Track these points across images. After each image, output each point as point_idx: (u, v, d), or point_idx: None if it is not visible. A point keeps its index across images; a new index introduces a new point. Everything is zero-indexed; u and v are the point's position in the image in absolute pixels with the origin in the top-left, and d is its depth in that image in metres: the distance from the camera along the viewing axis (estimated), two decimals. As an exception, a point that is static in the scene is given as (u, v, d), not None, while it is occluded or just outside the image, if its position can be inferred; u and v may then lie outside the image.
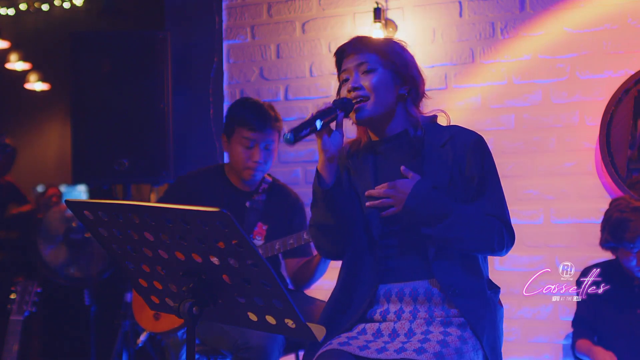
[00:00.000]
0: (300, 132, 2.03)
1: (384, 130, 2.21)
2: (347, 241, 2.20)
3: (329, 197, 2.13)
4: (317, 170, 2.15)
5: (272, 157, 3.22)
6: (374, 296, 2.15)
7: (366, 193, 2.15)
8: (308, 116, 2.11)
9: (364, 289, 2.16)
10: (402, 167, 2.14)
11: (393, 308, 2.13)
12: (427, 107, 2.27)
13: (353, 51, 2.19)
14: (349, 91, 2.17)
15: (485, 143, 2.20)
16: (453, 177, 2.14)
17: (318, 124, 2.06)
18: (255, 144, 3.15)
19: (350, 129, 2.28)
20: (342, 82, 2.22)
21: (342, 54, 2.23)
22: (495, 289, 2.21)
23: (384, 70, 2.16)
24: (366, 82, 2.15)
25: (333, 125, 2.14)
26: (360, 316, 2.15)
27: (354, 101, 2.15)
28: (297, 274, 3.26)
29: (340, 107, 2.12)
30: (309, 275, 3.20)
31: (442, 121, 2.27)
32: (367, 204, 2.15)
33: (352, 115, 2.16)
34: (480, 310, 2.10)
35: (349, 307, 2.15)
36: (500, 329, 2.18)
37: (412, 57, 2.24)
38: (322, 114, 2.09)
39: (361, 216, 2.21)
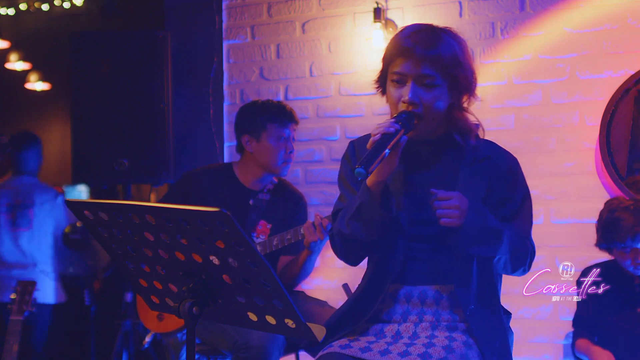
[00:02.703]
0: (372, 166, 1.88)
1: (425, 132, 2.07)
2: (373, 251, 2.11)
3: (389, 223, 2.00)
4: (366, 185, 2.00)
5: None
6: (384, 296, 2.08)
7: (432, 190, 1.97)
8: (375, 137, 1.92)
9: (379, 288, 2.08)
10: (432, 190, 1.97)
11: (400, 309, 2.08)
12: None
13: (418, 57, 1.97)
14: (404, 102, 2.00)
15: (520, 165, 2.15)
16: (487, 195, 2.05)
17: (387, 152, 1.91)
18: (289, 137, 3.28)
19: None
20: (393, 81, 2.02)
21: (402, 51, 1.99)
22: (507, 314, 2.16)
23: (443, 85, 2.00)
24: (425, 97, 1.99)
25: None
26: (368, 316, 2.09)
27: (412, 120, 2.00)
28: (283, 271, 3.25)
29: (407, 131, 1.96)
30: (296, 272, 3.20)
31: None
32: (434, 204, 1.97)
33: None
34: (493, 332, 2.04)
35: (361, 305, 2.11)
36: (511, 354, 2.11)
37: (471, 58, 2.06)
38: (389, 139, 1.92)
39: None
